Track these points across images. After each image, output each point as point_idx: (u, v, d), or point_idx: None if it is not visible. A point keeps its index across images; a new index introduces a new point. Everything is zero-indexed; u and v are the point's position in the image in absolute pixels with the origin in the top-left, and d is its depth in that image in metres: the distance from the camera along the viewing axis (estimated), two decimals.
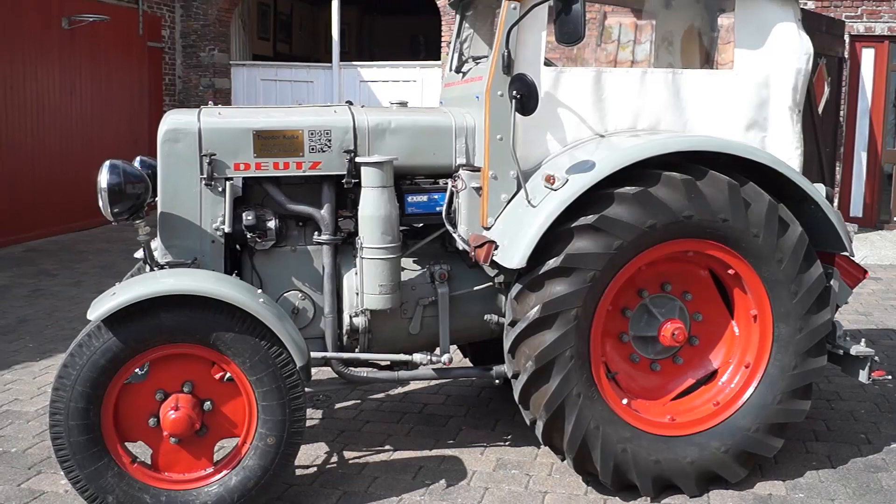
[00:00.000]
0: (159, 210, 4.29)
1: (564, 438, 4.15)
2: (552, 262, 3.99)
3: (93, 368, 3.71)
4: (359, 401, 5.70)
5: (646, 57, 6.65)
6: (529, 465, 4.68)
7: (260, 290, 4.05)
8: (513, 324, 4.13)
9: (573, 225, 4.00)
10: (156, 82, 14.90)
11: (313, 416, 5.37)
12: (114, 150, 5.54)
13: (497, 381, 4.62)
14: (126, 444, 3.91)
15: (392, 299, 4.31)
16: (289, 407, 3.89)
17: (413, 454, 4.83)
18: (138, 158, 4.65)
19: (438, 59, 14.71)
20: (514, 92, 4.02)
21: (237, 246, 4.52)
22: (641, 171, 4.09)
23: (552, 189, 4.02)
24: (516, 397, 4.21)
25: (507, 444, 4.98)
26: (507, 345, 4.18)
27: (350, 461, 4.75)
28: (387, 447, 4.94)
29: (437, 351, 4.53)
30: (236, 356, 3.83)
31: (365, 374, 4.54)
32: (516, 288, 4.11)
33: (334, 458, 4.78)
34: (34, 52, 11.94)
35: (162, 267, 4.23)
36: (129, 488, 3.81)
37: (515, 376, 4.18)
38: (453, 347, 4.89)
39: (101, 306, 3.69)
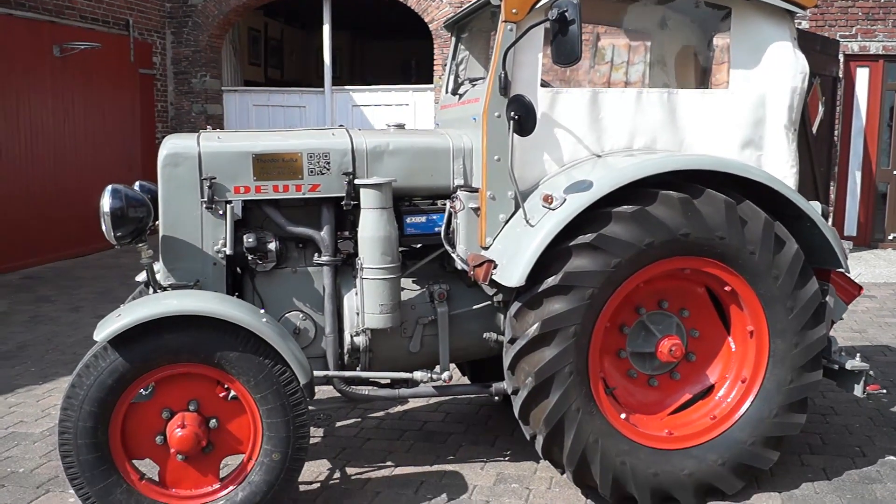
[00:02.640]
0: (161, 233, 4.36)
1: (564, 452, 4.21)
2: (551, 281, 4.07)
3: (100, 388, 3.77)
4: (359, 419, 5.75)
5: (639, 78, 6.77)
6: (529, 479, 4.74)
7: (263, 310, 4.12)
8: (512, 341, 4.20)
9: (571, 244, 4.07)
10: (148, 109, 14.97)
11: (315, 434, 5.43)
12: (108, 178, 5.58)
13: (496, 397, 4.69)
14: (134, 461, 3.97)
15: (392, 318, 4.38)
16: (293, 424, 3.95)
17: (414, 470, 4.88)
18: (138, 183, 4.73)
19: (431, 82, 14.84)
20: (512, 113, 4.11)
21: (238, 268, 4.58)
22: (638, 191, 4.17)
23: (550, 209, 4.10)
24: (516, 413, 4.27)
25: (506, 459, 5.04)
26: (506, 362, 4.25)
27: (352, 477, 4.80)
28: (388, 463, 4.99)
29: (437, 369, 4.59)
30: (241, 375, 3.89)
31: (366, 392, 4.61)
32: (515, 306, 4.19)
33: (337, 475, 4.83)
34: (27, 80, 11.99)
35: (165, 289, 4.29)
36: None
37: (515, 392, 4.25)
38: (452, 366, 4.94)
39: (107, 327, 3.75)
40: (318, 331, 4.57)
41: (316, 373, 4.37)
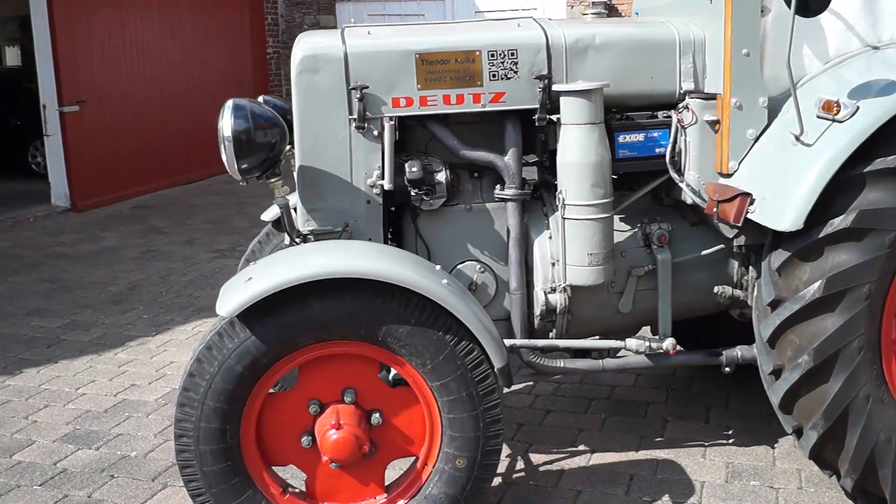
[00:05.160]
0: (297, 163, 3.35)
1: (845, 454, 3.10)
2: (839, 222, 2.91)
3: (227, 377, 2.82)
4: (529, 382, 4.71)
5: None
6: (770, 474, 3.67)
7: (439, 267, 3.08)
8: (775, 304, 3.06)
9: (867, 170, 2.90)
10: (258, 23, 14.05)
11: None
12: (217, 98, 4.80)
13: (727, 369, 3.58)
14: (274, 468, 3.04)
15: (604, 272, 3.29)
16: (483, 420, 2.94)
17: (616, 458, 3.86)
18: (262, 98, 3.74)
19: None
20: None
21: (393, 206, 3.55)
22: None
23: (835, 120, 2.92)
24: (776, 400, 3.16)
25: (730, 442, 3.96)
26: (764, 331, 3.12)
27: (540, 467, 3.81)
28: (581, 447, 3.97)
29: (643, 331, 3.62)
30: (413, 356, 2.88)
31: (561, 365, 3.55)
32: (780, 256, 3.05)
33: (520, 464, 3.85)
34: None
35: (305, 238, 3.30)
36: None
37: (776, 373, 3.13)
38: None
39: (235, 298, 2.78)
40: (500, 286, 3.53)
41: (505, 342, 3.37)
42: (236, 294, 2.79)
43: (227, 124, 3.05)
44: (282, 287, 2.75)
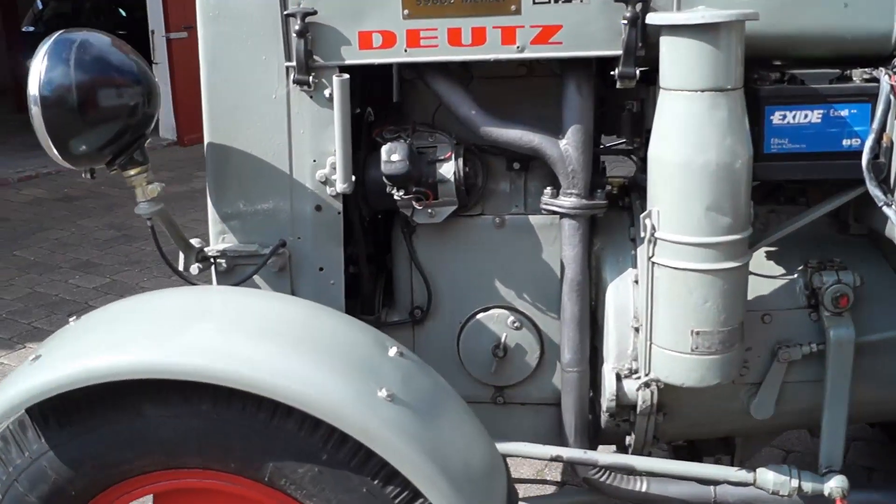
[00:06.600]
0: (206, 139, 2.05)
1: None
2: None
3: None
4: None
5: None
6: None
7: (394, 351, 1.69)
8: None
9: None
10: None
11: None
12: None
13: None
14: None
15: (724, 366, 1.84)
16: None
17: None
18: None
19: None
20: None
21: (371, 213, 2.20)
22: None
23: None
24: None
25: None
26: None
27: None
28: None
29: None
30: None
31: (643, 489, 2.13)
32: None
33: None
34: None
35: (215, 262, 2.03)
36: None
37: None
38: None
39: (14, 385, 1.57)
40: (547, 352, 2.15)
41: (542, 449, 2.08)
42: (20, 379, 1.61)
43: (34, 77, 1.72)
44: (70, 388, 1.50)
